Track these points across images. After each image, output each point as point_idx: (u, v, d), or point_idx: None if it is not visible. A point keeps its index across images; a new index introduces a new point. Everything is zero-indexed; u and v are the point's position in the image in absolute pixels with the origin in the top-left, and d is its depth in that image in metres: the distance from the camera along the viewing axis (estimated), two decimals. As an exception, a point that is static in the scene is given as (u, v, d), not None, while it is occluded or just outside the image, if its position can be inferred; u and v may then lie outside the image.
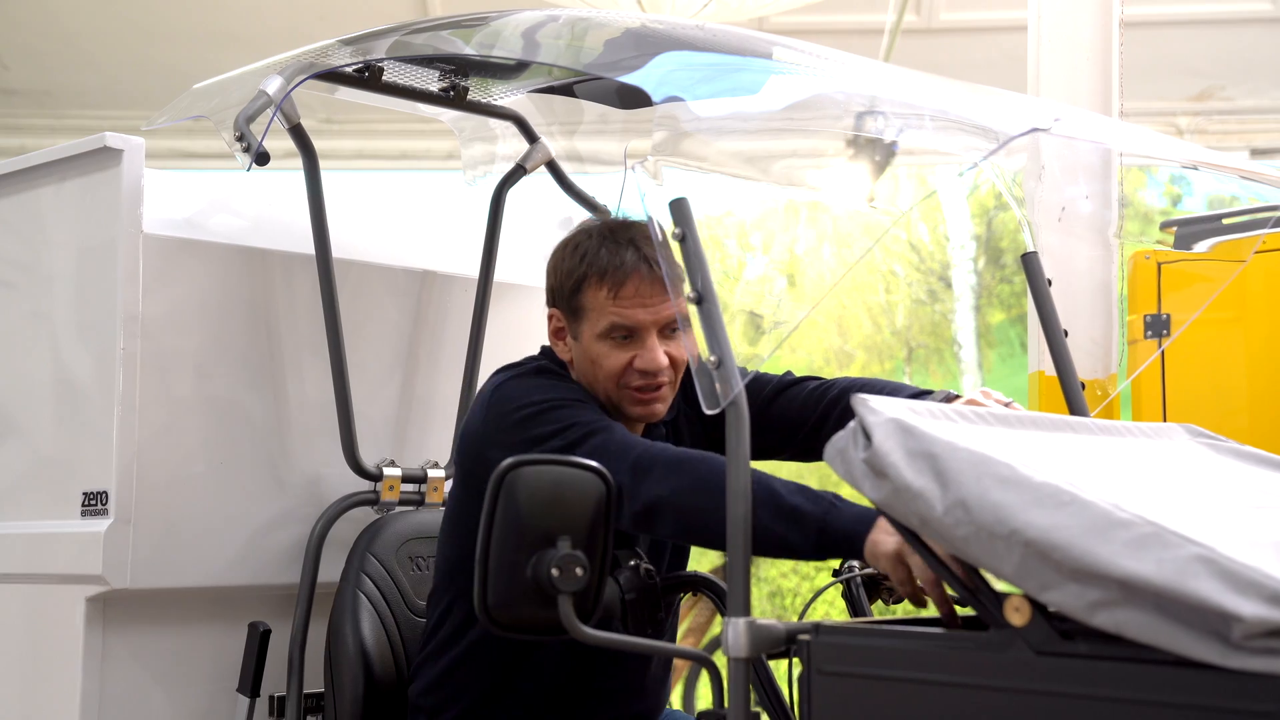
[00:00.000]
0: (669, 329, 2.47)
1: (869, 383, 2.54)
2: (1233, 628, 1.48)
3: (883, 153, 2.57)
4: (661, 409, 2.51)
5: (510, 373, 2.54)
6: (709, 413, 1.94)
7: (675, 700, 7.84)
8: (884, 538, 2.01)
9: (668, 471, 2.19)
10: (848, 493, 2.00)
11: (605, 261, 2.46)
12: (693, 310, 1.96)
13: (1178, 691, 1.55)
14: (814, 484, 2.09)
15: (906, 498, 1.73)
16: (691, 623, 8.12)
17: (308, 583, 2.82)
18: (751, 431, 2.51)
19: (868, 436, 1.79)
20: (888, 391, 2.46)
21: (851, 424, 1.82)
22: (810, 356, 10.37)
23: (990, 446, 1.75)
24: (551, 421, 2.35)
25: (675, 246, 2.00)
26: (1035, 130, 2.10)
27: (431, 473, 3.03)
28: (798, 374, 2.67)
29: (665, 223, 2.01)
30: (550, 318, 2.57)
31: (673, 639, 2.50)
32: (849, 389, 2.53)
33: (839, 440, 1.83)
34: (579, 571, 1.88)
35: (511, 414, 2.41)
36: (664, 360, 2.46)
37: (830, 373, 10.43)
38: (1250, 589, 1.50)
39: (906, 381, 2.71)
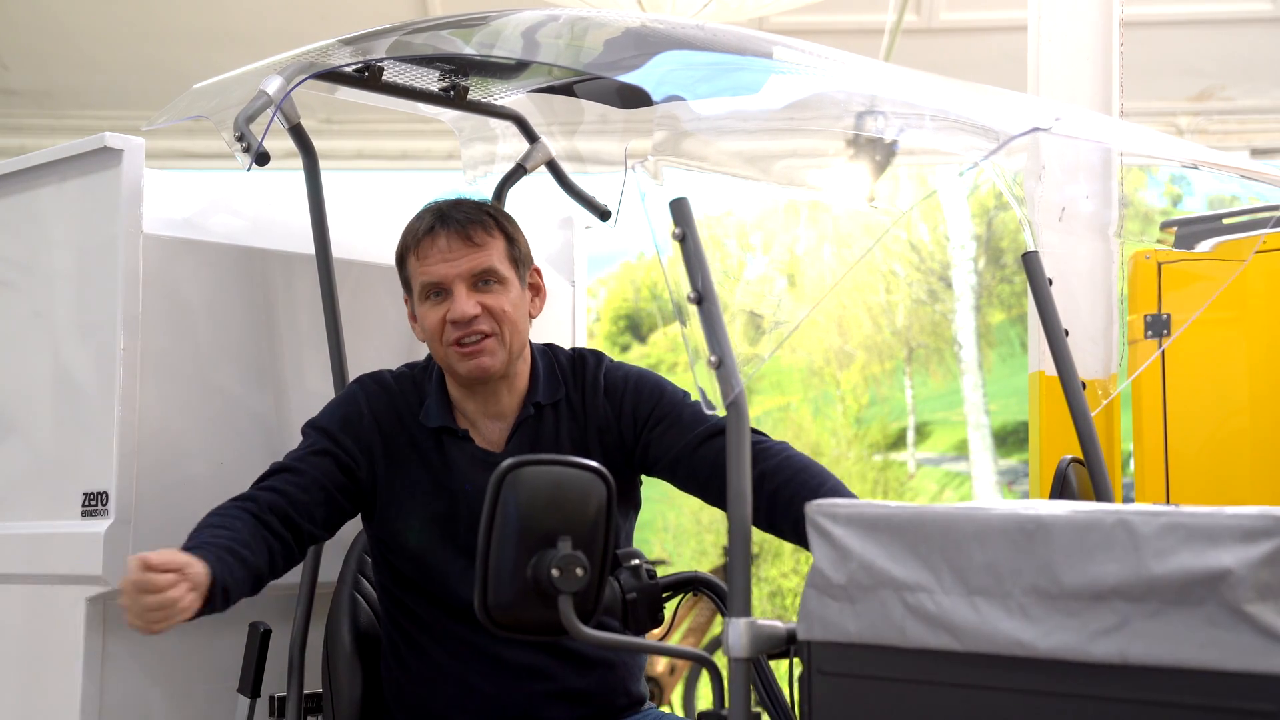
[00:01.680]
0: (480, 281, 2.58)
1: (805, 462, 2.49)
2: (1229, 587, 1.50)
3: (883, 152, 2.57)
4: (489, 362, 2.58)
5: (358, 379, 2.74)
6: (709, 412, 1.94)
7: (676, 701, 7.85)
8: None
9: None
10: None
11: (411, 231, 2.64)
12: (693, 310, 1.96)
13: (1178, 692, 1.55)
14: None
15: (903, 597, 1.74)
16: (692, 623, 8.11)
17: (308, 583, 2.82)
18: (676, 469, 2.58)
19: (837, 550, 1.80)
20: (822, 479, 2.44)
21: (809, 576, 1.83)
22: (810, 356, 10.37)
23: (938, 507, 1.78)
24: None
25: (676, 246, 2.00)
26: (1036, 130, 2.11)
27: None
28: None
29: (665, 222, 2.01)
30: (405, 303, 2.71)
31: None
32: (786, 465, 2.46)
33: (809, 602, 1.83)
34: (579, 572, 1.88)
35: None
36: (472, 309, 2.56)
37: (829, 374, 10.43)
38: (1224, 535, 1.51)
39: (906, 383, 2.72)
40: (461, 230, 2.58)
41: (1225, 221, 3.61)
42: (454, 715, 2.59)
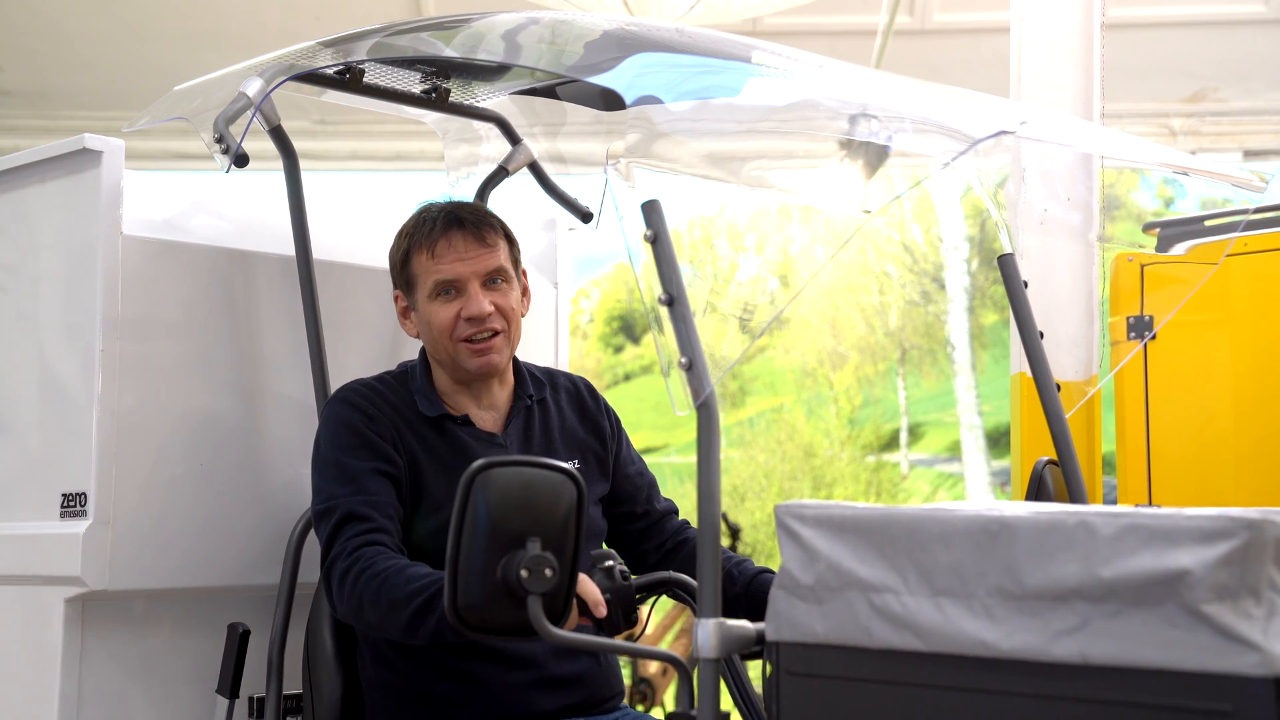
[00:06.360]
0: (490, 280, 2.64)
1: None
2: (1187, 588, 1.50)
3: (864, 155, 2.58)
4: (498, 359, 2.65)
5: (338, 394, 2.69)
6: (679, 414, 1.95)
7: (669, 701, 7.84)
8: None
9: (362, 591, 2.40)
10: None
11: (422, 230, 2.67)
12: (664, 311, 1.97)
13: (1138, 691, 1.56)
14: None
15: (869, 598, 1.75)
16: (685, 623, 8.11)
17: (287, 584, 2.82)
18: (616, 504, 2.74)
19: (805, 551, 1.81)
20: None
21: (777, 578, 1.85)
22: (804, 358, 10.38)
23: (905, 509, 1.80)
24: (321, 474, 2.57)
25: (648, 248, 2.01)
26: (1001, 133, 2.11)
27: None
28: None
29: (638, 224, 2.02)
30: (395, 299, 2.75)
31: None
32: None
33: (777, 602, 1.84)
34: (548, 573, 1.89)
35: (318, 439, 2.63)
36: (488, 307, 2.62)
37: (822, 375, 10.43)
38: (1182, 537, 1.53)
39: (899, 385, 2.76)
40: (476, 231, 2.64)
41: (1207, 224, 3.61)
42: (452, 705, 2.58)
